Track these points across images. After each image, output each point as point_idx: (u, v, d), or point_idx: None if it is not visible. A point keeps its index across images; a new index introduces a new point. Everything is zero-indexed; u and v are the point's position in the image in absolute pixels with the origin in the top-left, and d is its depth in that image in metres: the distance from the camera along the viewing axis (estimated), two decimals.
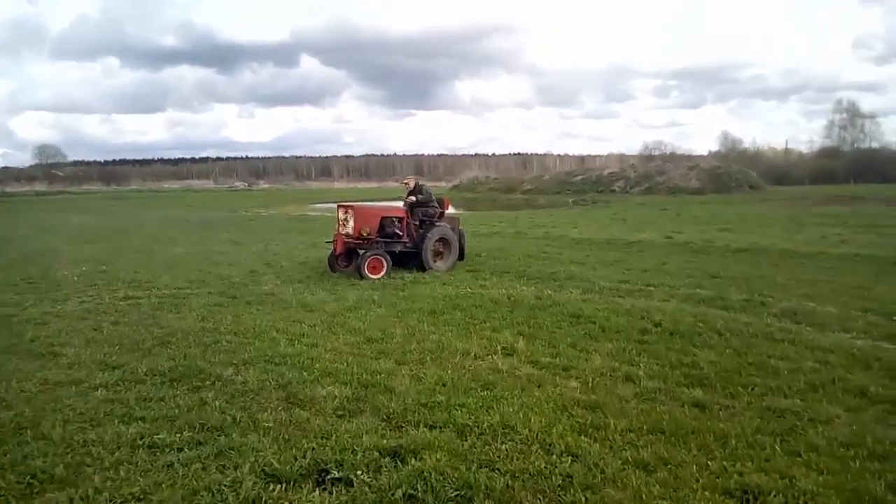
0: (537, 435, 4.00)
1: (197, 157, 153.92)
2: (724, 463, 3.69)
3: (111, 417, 4.35)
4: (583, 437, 4.02)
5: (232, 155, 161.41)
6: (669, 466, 3.63)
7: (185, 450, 3.83)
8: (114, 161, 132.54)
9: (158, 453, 3.80)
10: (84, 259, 13.78)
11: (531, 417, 4.26)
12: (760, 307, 7.94)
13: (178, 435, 4.02)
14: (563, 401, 4.66)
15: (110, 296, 9.21)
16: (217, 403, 4.59)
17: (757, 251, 14.08)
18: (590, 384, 5.06)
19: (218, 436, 4.04)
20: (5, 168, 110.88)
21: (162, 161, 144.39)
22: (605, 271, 11.10)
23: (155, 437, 3.99)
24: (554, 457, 3.71)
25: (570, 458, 3.71)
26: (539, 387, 5.00)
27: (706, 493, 3.34)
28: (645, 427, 4.16)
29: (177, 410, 4.48)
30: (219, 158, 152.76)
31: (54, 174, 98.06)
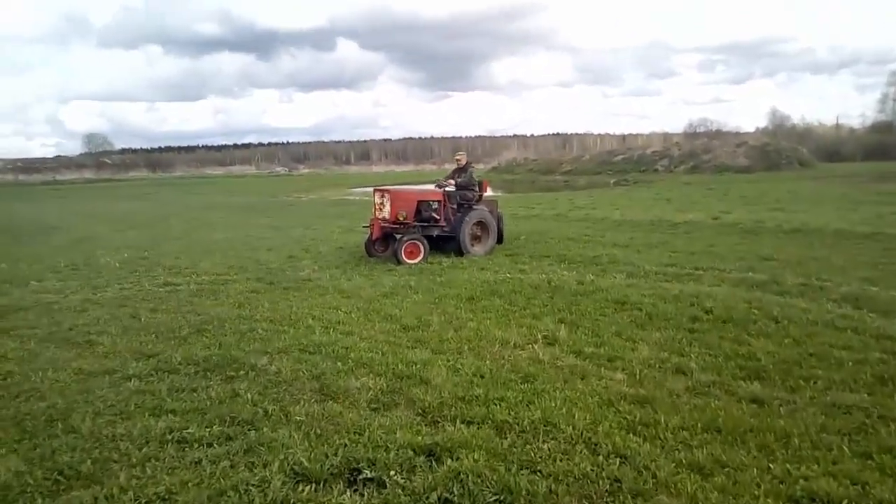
0: (582, 433, 3.74)
1: (239, 143, 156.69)
2: (788, 466, 3.38)
3: (142, 410, 4.25)
4: (631, 435, 3.75)
5: (273, 140, 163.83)
6: (727, 470, 3.34)
7: (215, 445, 3.70)
8: (159, 148, 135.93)
9: (187, 449, 3.67)
10: (127, 245, 13.96)
11: (575, 413, 4.01)
12: (819, 292, 7.47)
13: (209, 429, 3.89)
14: (608, 395, 4.39)
15: (150, 282, 9.23)
16: (249, 395, 4.46)
17: (810, 232, 13.41)
18: (637, 376, 4.77)
19: (248, 430, 3.90)
20: (57, 157, 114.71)
21: (206, 148, 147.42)
22: (650, 254, 10.69)
23: (184, 431, 3.87)
24: (600, 458, 3.45)
25: (618, 459, 3.44)
26: (583, 379, 4.74)
27: (769, 500, 3.06)
28: (699, 425, 3.87)
29: (209, 402, 4.36)
30: (260, 144, 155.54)
31: (103, 162, 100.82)
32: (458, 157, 11.88)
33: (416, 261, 10.15)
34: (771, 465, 3.39)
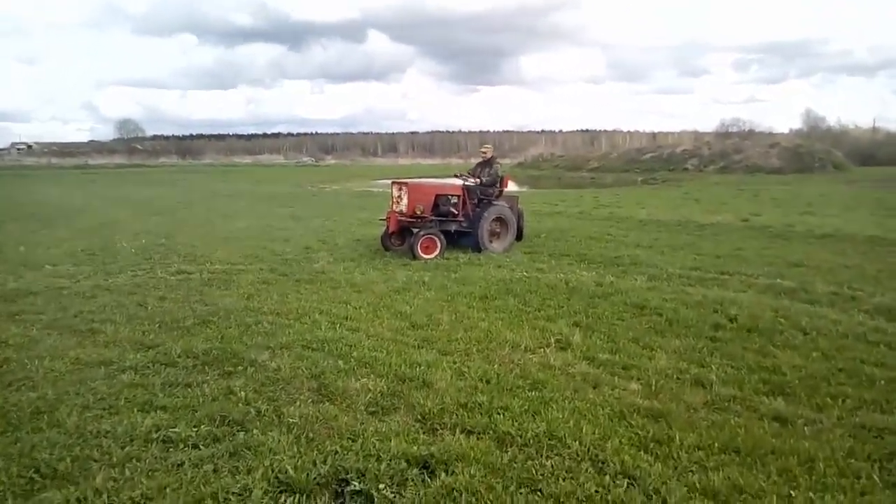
0: (589, 449, 3.50)
1: (269, 132, 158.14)
2: (811, 494, 3.12)
3: (131, 405, 4.10)
4: (642, 453, 3.49)
5: (302, 131, 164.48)
6: (745, 496, 3.09)
7: (200, 447, 3.53)
8: (190, 136, 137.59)
9: (171, 449, 3.51)
10: (147, 231, 13.95)
11: (583, 426, 3.76)
12: (850, 302, 7.10)
13: (196, 429, 3.72)
14: (620, 406, 4.13)
15: (163, 270, 9.15)
16: (244, 393, 4.29)
17: (843, 238, 12.88)
18: (653, 387, 4.50)
19: (238, 431, 3.73)
20: (91, 141, 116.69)
21: (236, 136, 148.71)
22: (674, 256, 10.34)
23: (171, 430, 3.70)
24: (607, 478, 3.21)
25: (626, 480, 3.20)
26: (594, 388, 4.49)
27: None
28: (716, 444, 3.60)
29: (201, 399, 4.20)
30: (290, 134, 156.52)
31: (134, 147, 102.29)
32: (483, 150, 11.58)
33: (432, 256, 9.93)
34: (793, 493, 3.13)
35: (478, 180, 11.08)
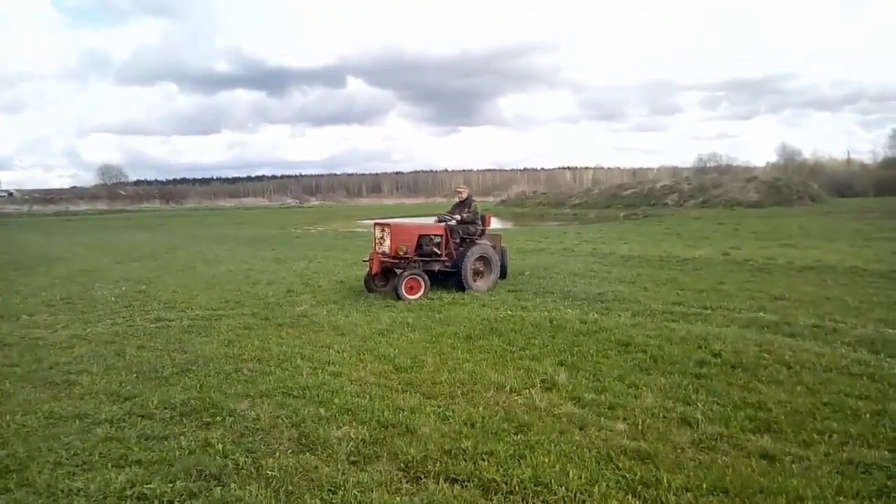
0: (575, 495, 3.43)
1: (252, 175, 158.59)
2: None
3: (105, 460, 3.98)
4: (630, 497, 3.43)
5: (286, 173, 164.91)
6: None
7: (176, 503, 3.41)
8: (174, 180, 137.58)
9: None
10: (127, 278, 13.77)
11: (570, 471, 3.69)
12: (832, 334, 7.13)
13: (171, 485, 3.60)
14: (607, 448, 4.07)
15: (142, 317, 9.01)
16: (222, 445, 4.17)
17: (823, 269, 13.01)
18: (640, 427, 4.45)
19: (215, 486, 3.61)
20: (73, 188, 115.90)
21: (220, 180, 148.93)
22: (657, 292, 10.36)
23: (146, 486, 3.58)
24: None
25: None
26: (581, 429, 4.43)
27: None
28: (704, 485, 3.54)
29: (177, 453, 4.08)
30: (273, 177, 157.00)
31: (117, 193, 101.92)
32: (459, 190, 11.67)
33: (416, 296, 9.88)
34: None
35: (458, 216, 11.12)
